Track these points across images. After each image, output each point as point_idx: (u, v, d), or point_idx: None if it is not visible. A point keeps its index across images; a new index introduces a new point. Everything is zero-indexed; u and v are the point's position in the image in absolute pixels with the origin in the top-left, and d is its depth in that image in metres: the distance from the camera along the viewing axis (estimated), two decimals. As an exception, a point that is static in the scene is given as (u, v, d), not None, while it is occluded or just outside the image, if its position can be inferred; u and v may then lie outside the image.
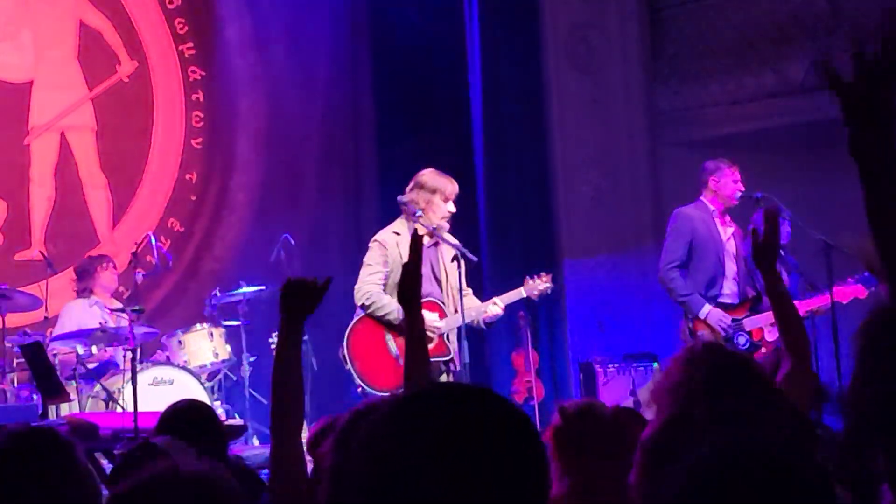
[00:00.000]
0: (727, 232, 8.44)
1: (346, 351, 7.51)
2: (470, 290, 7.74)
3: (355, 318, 7.57)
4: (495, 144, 11.47)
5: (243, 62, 11.39)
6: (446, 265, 7.60)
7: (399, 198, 7.63)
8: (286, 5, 11.46)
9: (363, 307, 7.46)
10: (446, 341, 7.54)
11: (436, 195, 7.50)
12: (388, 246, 7.47)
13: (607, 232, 11.35)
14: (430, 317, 7.35)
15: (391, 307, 7.37)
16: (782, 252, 8.59)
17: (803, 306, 7.98)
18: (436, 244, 7.61)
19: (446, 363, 7.58)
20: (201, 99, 11.31)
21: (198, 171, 11.26)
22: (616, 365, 10.33)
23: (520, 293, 7.73)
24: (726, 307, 8.24)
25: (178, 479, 2.01)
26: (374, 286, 7.43)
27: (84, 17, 10.89)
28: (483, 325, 7.60)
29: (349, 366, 7.47)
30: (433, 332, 7.41)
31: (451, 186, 7.55)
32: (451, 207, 7.54)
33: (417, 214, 7.46)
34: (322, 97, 11.52)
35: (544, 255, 11.26)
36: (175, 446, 4.45)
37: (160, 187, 11.12)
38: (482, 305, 7.57)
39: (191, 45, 11.28)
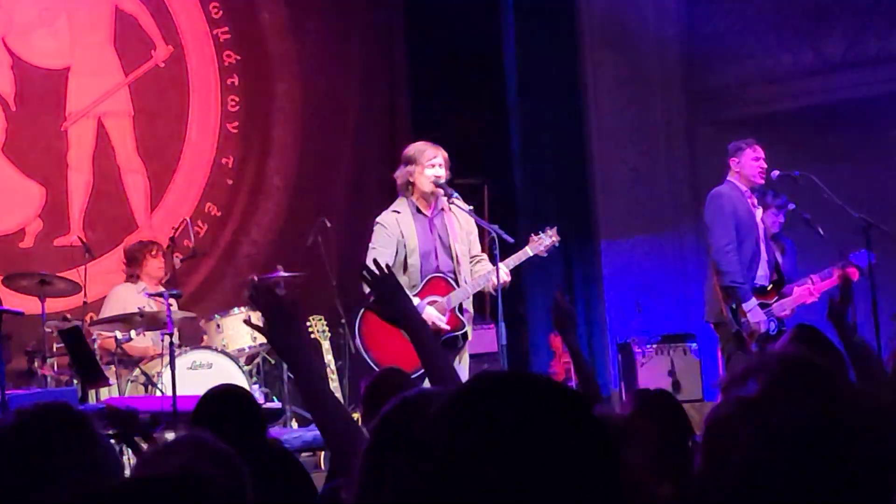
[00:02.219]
0: (758, 213, 8.41)
1: (359, 341, 7.50)
2: (484, 256, 7.71)
3: (363, 307, 7.55)
4: (531, 125, 11.44)
5: (278, 46, 11.39)
6: (456, 231, 7.58)
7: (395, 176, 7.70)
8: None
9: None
10: (458, 314, 7.52)
11: (415, 165, 7.52)
12: (389, 225, 7.52)
13: (644, 212, 11.30)
14: (433, 314, 7.37)
15: None
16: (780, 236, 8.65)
17: (824, 286, 8.08)
18: (442, 211, 7.61)
19: (463, 336, 7.57)
20: (237, 83, 11.33)
21: (234, 156, 11.29)
22: (654, 345, 10.29)
23: (526, 252, 7.63)
24: (758, 290, 8.23)
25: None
26: None
27: (119, 2, 10.92)
28: (493, 292, 7.49)
29: (364, 355, 7.44)
30: (440, 323, 7.40)
31: (430, 151, 7.54)
32: (437, 171, 7.51)
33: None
34: (357, 80, 11.52)
35: (581, 236, 11.24)
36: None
37: (197, 172, 11.15)
38: (490, 272, 7.52)
39: (225, 29, 11.29)
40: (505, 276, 7.43)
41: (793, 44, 11.10)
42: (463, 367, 7.65)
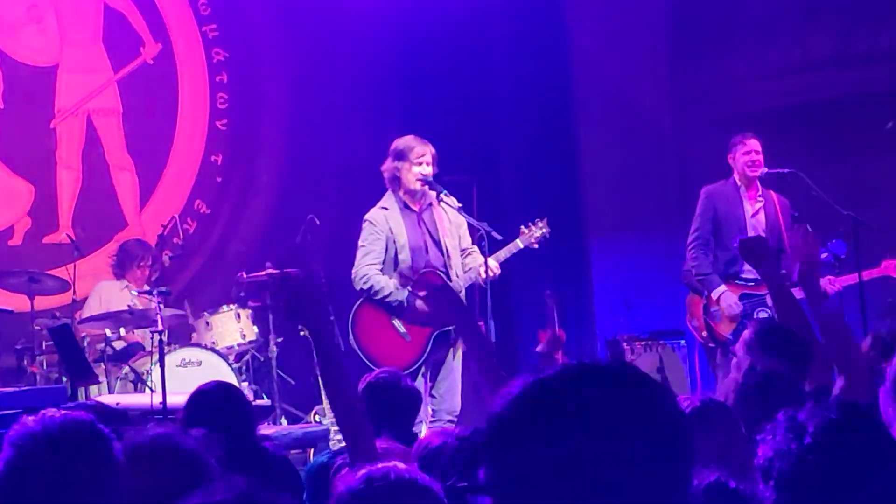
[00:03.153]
0: (755, 206, 8.43)
1: (352, 338, 7.51)
2: (476, 248, 7.73)
3: (356, 305, 7.56)
4: (520, 124, 11.44)
5: (267, 43, 11.38)
6: (445, 226, 7.59)
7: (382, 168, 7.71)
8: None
9: (363, 291, 7.47)
10: None
11: (404, 161, 7.52)
12: (378, 222, 7.54)
13: (633, 210, 11.31)
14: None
15: (390, 288, 7.40)
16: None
17: (840, 282, 8.04)
18: (430, 206, 7.61)
19: (456, 332, 7.59)
20: (225, 80, 11.31)
21: (223, 153, 11.27)
22: (643, 342, 10.31)
23: (517, 245, 7.66)
24: (748, 283, 8.24)
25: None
26: (369, 268, 7.45)
27: (108, -1, 10.92)
28: (483, 284, 7.55)
29: (359, 353, 7.45)
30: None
31: (418, 148, 7.56)
32: (425, 169, 7.53)
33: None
34: (347, 76, 11.50)
35: (571, 234, 11.24)
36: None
37: (186, 169, 11.14)
38: (481, 265, 7.53)
39: (214, 26, 11.28)
40: (495, 269, 7.47)
41: (781, 41, 11.11)
42: (457, 364, 7.66)
